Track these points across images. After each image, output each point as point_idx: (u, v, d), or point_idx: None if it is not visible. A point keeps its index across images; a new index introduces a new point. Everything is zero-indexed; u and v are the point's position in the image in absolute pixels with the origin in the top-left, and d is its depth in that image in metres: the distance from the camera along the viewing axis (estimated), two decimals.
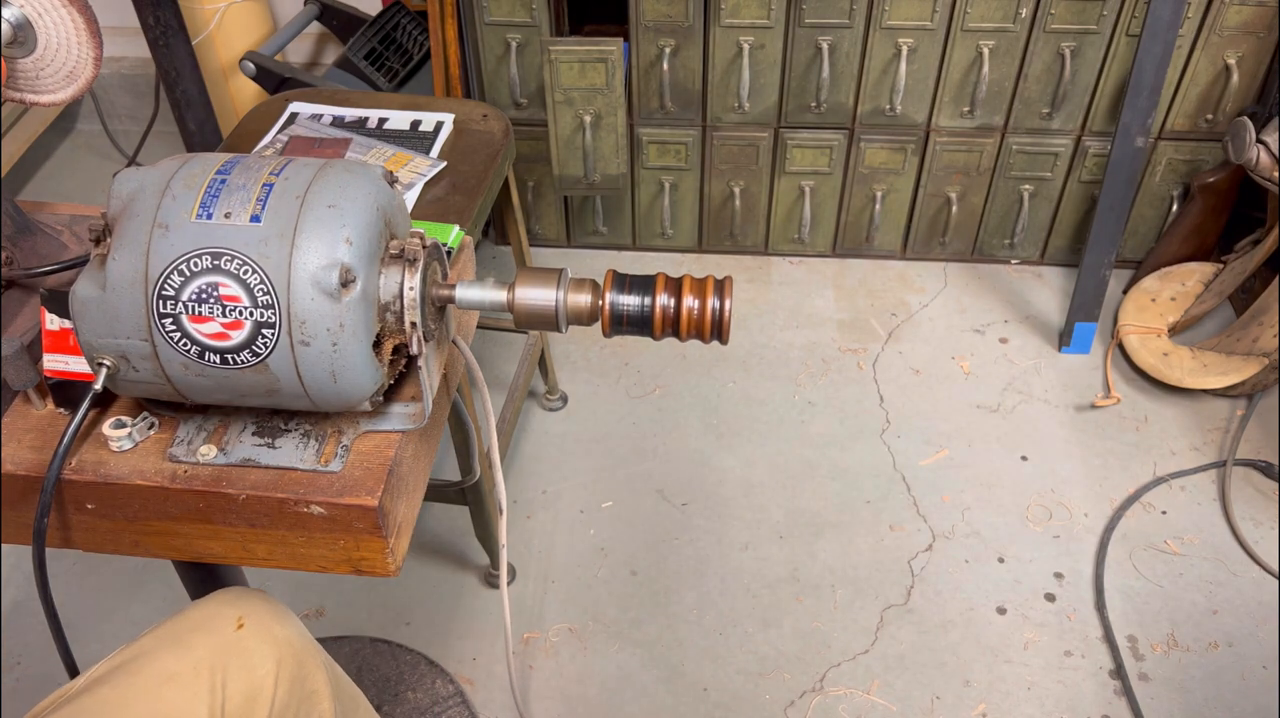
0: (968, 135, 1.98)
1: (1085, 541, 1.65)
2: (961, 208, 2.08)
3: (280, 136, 1.37)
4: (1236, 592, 1.58)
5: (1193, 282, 1.99)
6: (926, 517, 1.69)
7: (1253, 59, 1.84)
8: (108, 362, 0.72)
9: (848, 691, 1.46)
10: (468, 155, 1.36)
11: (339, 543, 0.82)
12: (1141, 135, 1.80)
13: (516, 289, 0.76)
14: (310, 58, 2.54)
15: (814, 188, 2.07)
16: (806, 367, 1.96)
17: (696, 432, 1.84)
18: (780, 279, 2.17)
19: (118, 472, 0.81)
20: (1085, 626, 1.54)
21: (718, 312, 0.75)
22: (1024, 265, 2.18)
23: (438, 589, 1.60)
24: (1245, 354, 1.83)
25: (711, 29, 1.85)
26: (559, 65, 1.80)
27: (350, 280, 0.70)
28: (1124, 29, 1.82)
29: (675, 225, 2.17)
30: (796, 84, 1.92)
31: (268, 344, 0.70)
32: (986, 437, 1.82)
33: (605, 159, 1.92)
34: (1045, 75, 1.88)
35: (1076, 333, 1.97)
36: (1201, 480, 1.75)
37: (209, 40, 2.23)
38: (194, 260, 0.69)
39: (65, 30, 0.88)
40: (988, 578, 1.60)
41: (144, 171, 0.73)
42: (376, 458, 0.82)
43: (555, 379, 1.87)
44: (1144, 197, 2.04)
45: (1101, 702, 1.45)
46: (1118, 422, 1.85)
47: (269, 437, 0.82)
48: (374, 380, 0.75)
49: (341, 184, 0.72)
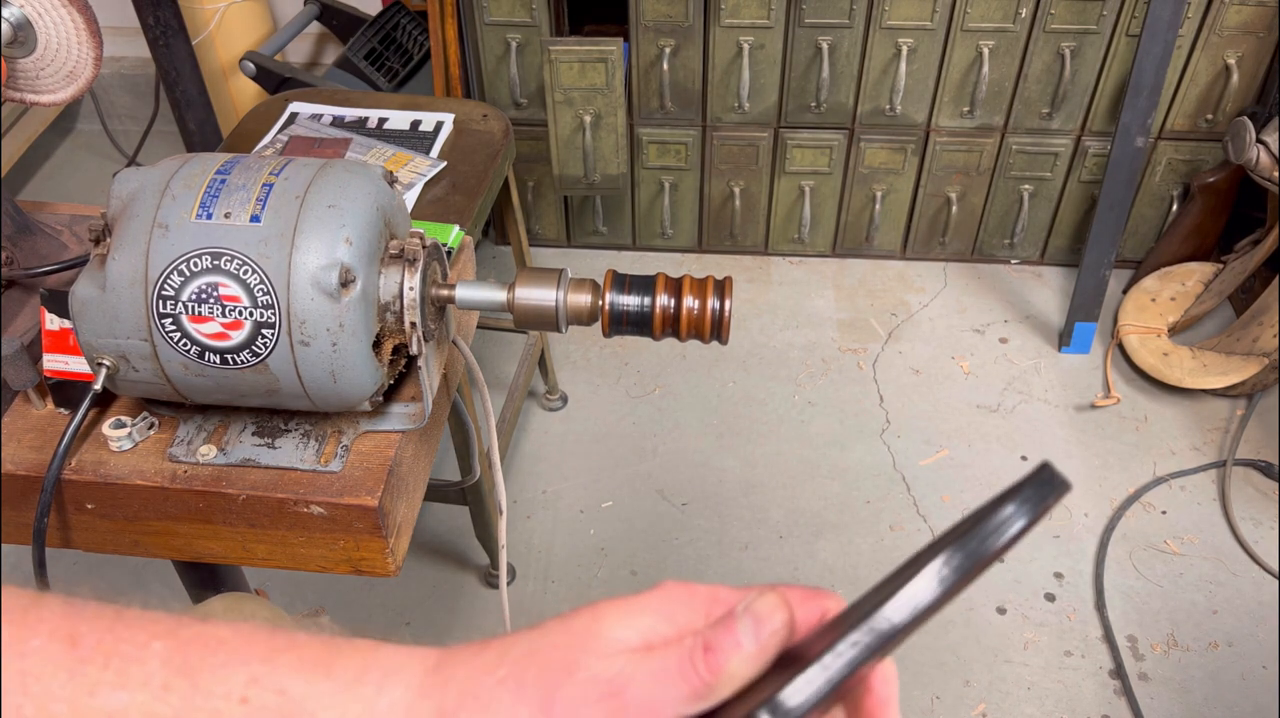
0: (968, 135, 1.98)
1: (1085, 540, 1.65)
2: (961, 208, 2.08)
3: (280, 136, 1.37)
4: (1236, 592, 1.58)
5: (1193, 282, 1.99)
6: (926, 517, 1.69)
7: (1253, 59, 1.84)
8: (107, 362, 0.72)
9: None
10: (468, 155, 1.36)
11: (339, 543, 0.82)
12: (1141, 135, 1.80)
13: (516, 289, 0.76)
14: (310, 58, 2.54)
15: (814, 188, 2.07)
16: (806, 367, 1.96)
17: (696, 432, 1.84)
18: (780, 279, 2.17)
19: (118, 472, 0.81)
20: (1085, 625, 1.54)
21: (718, 312, 0.75)
22: (1024, 265, 2.18)
23: (438, 589, 1.60)
24: (1245, 354, 1.83)
25: (711, 29, 1.85)
26: (559, 65, 1.80)
27: (350, 280, 0.70)
28: (1124, 29, 1.82)
29: (675, 225, 2.17)
30: (796, 84, 1.92)
31: (267, 344, 0.70)
32: (986, 437, 1.82)
33: (605, 159, 1.92)
34: (1045, 75, 1.88)
35: (1076, 333, 1.96)
36: (1201, 480, 1.74)
37: (209, 40, 2.23)
38: (194, 260, 0.69)
39: (65, 30, 0.88)
40: (987, 578, 1.60)
41: (144, 172, 0.73)
42: (376, 458, 0.82)
43: (555, 379, 1.87)
44: (1144, 197, 2.04)
45: (1101, 702, 1.45)
46: (1118, 422, 1.85)
47: (269, 437, 0.82)
48: (374, 380, 0.75)
49: (341, 184, 0.72)
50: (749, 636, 0.33)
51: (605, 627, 0.35)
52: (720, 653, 0.33)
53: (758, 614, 0.33)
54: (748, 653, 0.33)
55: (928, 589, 0.31)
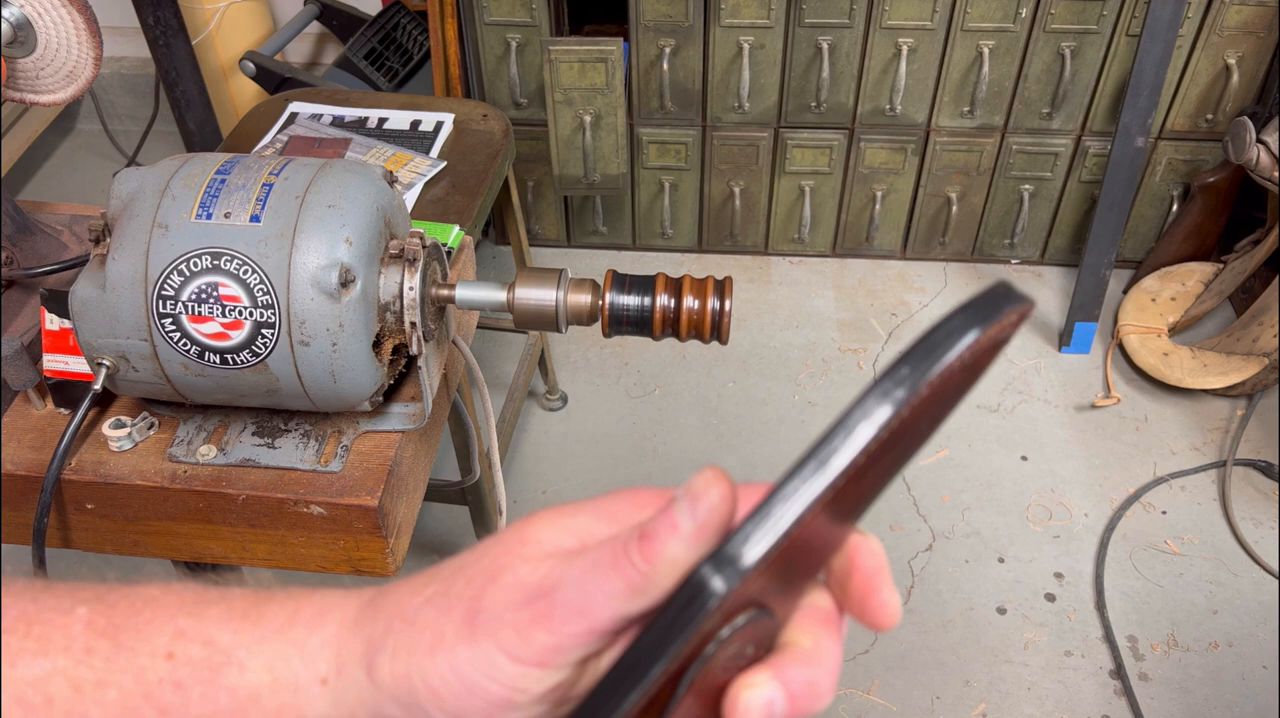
0: (968, 135, 1.98)
1: (1085, 540, 1.65)
2: (961, 208, 2.08)
3: (280, 136, 1.37)
4: (1236, 592, 1.58)
5: (1193, 282, 1.99)
6: (926, 517, 1.69)
7: (1253, 59, 1.84)
8: (107, 362, 0.72)
9: (848, 691, 1.46)
10: (468, 155, 1.36)
11: (339, 543, 0.82)
12: (1141, 135, 1.80)
13: (516, 289, 0.76)
14: (310, 58, 2.54)
15: (814, 188, 2.07)
16: (806, 367, 1.96)
17: (696, 432, 1.84)
18: (780, 279, 2.17)
19: (117, 472, 0.81)
20: (1085, 626, 1.54)
21: (717, 312, 0.75)
22: (1024, 265, 2.18)
23: None
24: (1245, 354, 1.83)
25: (711, 29, 1.85)
26: (559, 65, 1.80)
27: (350, 280, 0.70)
28: (1124, 29, 1.82)
29: (675, 225, 2.17)
30: (796, 84, 1.92)
31: (267, 344, 0.70)
32: (986, 437, 1.82)
33: (605, 159, 1.92)
34: (1045, 75, 1.88)
35: (1076, 333, 1.96)
36: (1201, 480, 1.74)
37: (209, 40, 2.23)
38: (193, 260, 0.69)
39: (65, 30, 0.88)
40: (988, 578, 1.60)
41: (144, 172, 0.73)
42: (376, 458, 0.82)
43: (555, 379, 1.87)
44: (1144, 197, 2.04)
45: (1101, 702, 1.45)
46: (1118, 422, 1.84)
47: (269, 437, 0.82)
48: (374, 380, 0.75)
49: (341, 184, 0.72)
50: (685, 515, 0.29)
51: (534, 531, 0.32)
52: (655, 538, 0.29)
53: (692, 491, 0.29)
54: (685, 533, 0.29)
55: (878, 411, 0.27)
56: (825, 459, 0.28)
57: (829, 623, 0.33)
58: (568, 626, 0.30)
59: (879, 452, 0.28)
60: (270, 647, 0.33)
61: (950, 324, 0.28)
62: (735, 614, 0.29)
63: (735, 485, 0.30)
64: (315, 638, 0.33)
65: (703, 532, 0.29)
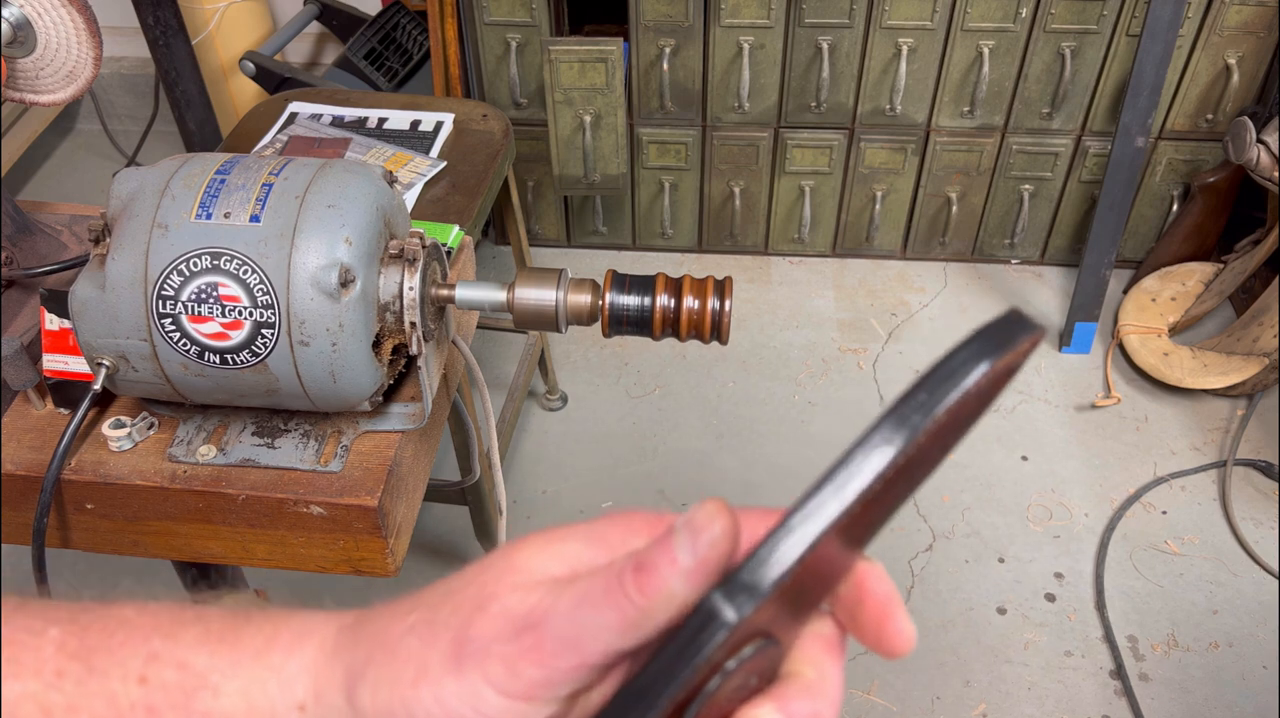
0: (968, 135, 1.98)
1: (1085, 540, 1.65)
2: (961, 208, 2.08)
3: (280, 136, 1.37)
4: (1236, 592, 1.58)
5: (1193, 282, 1.99)
6: (926, 517, 1.69)
7: (1253, 59, 1.84)
8: (107, 362, 0.72)
9: (848, 691, 1.46)
10: (468, 155, 1.36)
11: (339, 543, 0.82)
12: (1141, 135, 1.80)
13: (516, 289, 0.76)
14: (310, 58, 2.54)
15: (814, 188, 2.07)
16: (806, 367, 1.96)
17: (696, 432, 1.84)
18: (780, 279, 2.16)
19: (117, 472, 0.81)
20: (1085, 626, 1.54)
21: (717, 312, 0.75)
22: (1024, 265, 2.18)
23: None
24: (1245, 354, 1.83)
25: (711, 29, 1.85)
26: (559, 65, 1.80)
27: (350, 280, 0.70)
28: (1124, 29, 1.82)
29: (675, 225, 2.17)
30: (796, 84, 1.92)
31: (267, 344, 0.70)
32: (986, 437, 1.82)
33: (605, 159, 1.92)
34: (1045, 75, 1.88)
35: (1077, 333, 1.96)
36: (1202, 480, 1.74)
37: (209, 40, 2.23)
38: (193, 260, 0.69)
39: (65, 30, 0.88)
40: (988, 578, 1.60)
41: (143, 172, 0.73)
42: (376, 458, 0.82)
43: (555, 379, 1.87)
44: (1144, 197, 2.04)
45: (1101, 702, 1.45)
46: (1118, 422, 1.84)
47: (269, 437, 0.82)
48: (374, 380, 0.75)
49: (341, 184, 0.72)
50: (685, 549, 0.28)
51: (524, 557, 0.31)
52: (653, 572, 0.28)
53: (694, 524, 0.28)
54: (685, 568, 0.27)
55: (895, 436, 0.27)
56: (842, 485, 0.27)
57: (832, 651, 0.32)
58: (558, 659, 0.29)
59: (894, 478, 0.28)
60: (246, 671, 0.32)
61: (966, 352, 0.28)
62: (743, 644, 0.29)
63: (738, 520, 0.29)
64: (293, 663, 0.32)
65: (702, 568, 0.28)
